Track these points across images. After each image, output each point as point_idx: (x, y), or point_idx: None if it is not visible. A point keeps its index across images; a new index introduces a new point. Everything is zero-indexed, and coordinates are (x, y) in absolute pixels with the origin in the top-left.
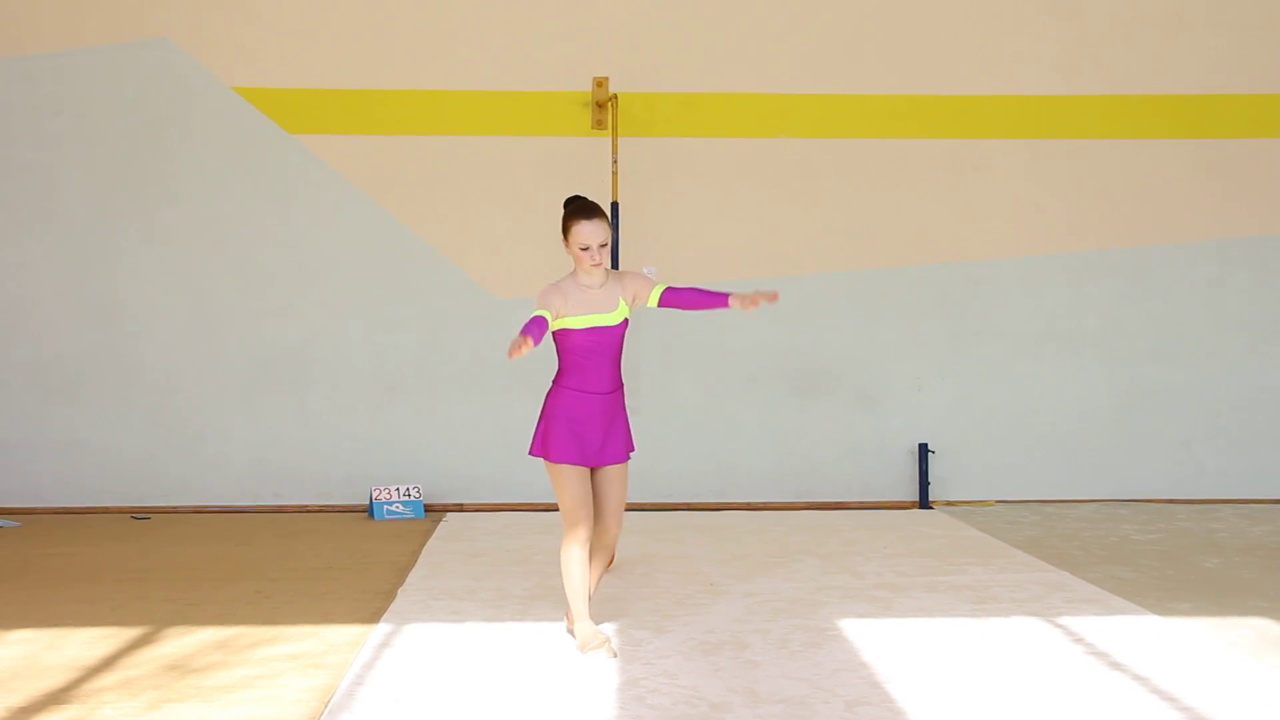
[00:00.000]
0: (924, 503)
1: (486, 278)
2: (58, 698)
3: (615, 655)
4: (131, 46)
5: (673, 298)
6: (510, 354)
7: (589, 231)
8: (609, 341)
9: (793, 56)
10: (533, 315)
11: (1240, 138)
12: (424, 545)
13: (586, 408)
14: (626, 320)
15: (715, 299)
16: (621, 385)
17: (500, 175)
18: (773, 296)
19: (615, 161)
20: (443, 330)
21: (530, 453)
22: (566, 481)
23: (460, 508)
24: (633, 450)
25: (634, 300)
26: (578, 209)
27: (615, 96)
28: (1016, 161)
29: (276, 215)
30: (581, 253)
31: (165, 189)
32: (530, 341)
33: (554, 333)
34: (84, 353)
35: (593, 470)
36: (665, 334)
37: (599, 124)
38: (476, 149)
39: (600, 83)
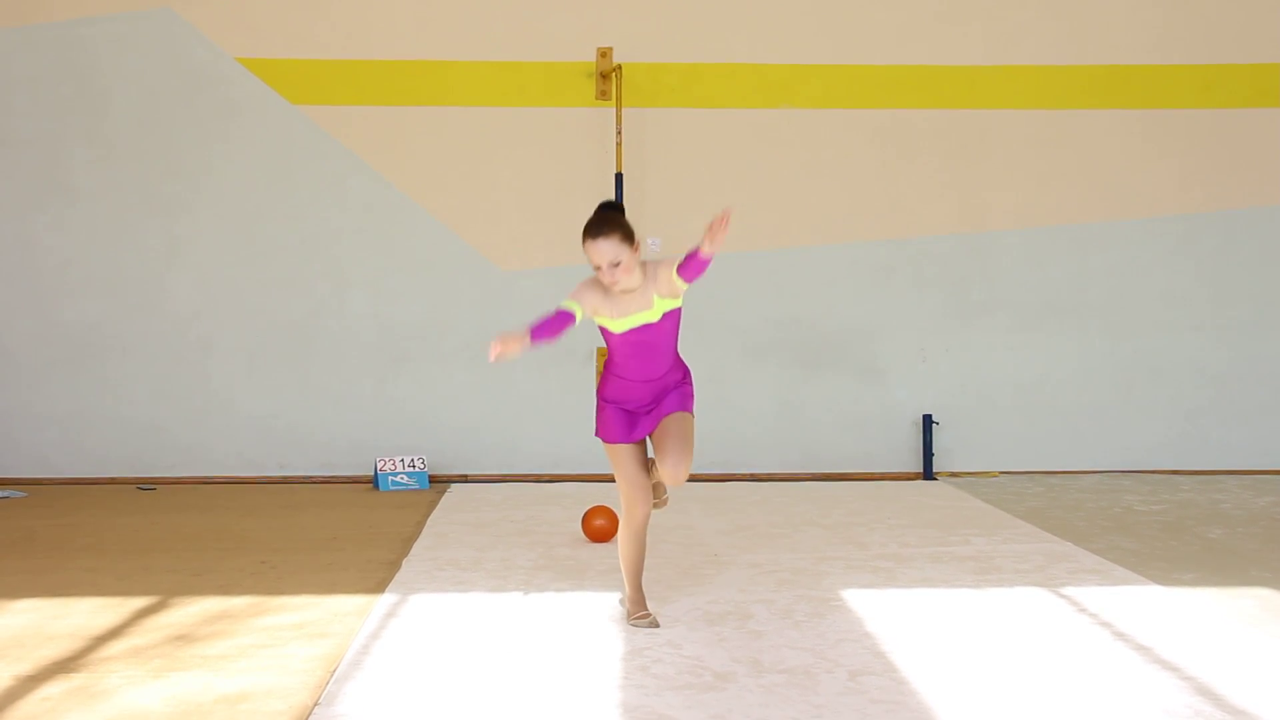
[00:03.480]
0: (928, 474)
1: (491, 249)
2: (64, 666)
3: (658, 625)
4: (134, 17)
5: (685, 272)
6: (491, 355)
7: (597, 251)
8: (654, 338)
9: (797, 27)
10: (558, 308)
11: (1245, 108)
12: (429, 516)
13: (634, 392)
14: (676, 310)
15: (696, 260)
16: (674, 368)
17: (504, 146)
18: (723, 220)
19: (619, 132)
20: (447, 302)
21: (595, 434)
22: (619, 462)
23: (465, 479)
24: (689, 409)
25: (671, 291)
26: (589, 225)
27: (619, 67)
28: (1021, 133)
29: (280, 187)
30: (596, 270)
31: (168, 160)
32: (519, 343)
33: (599, 326)
34: (89, 324)
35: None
36: None
37: (603, 94)
38: (480, 120)
39: (604, 53)
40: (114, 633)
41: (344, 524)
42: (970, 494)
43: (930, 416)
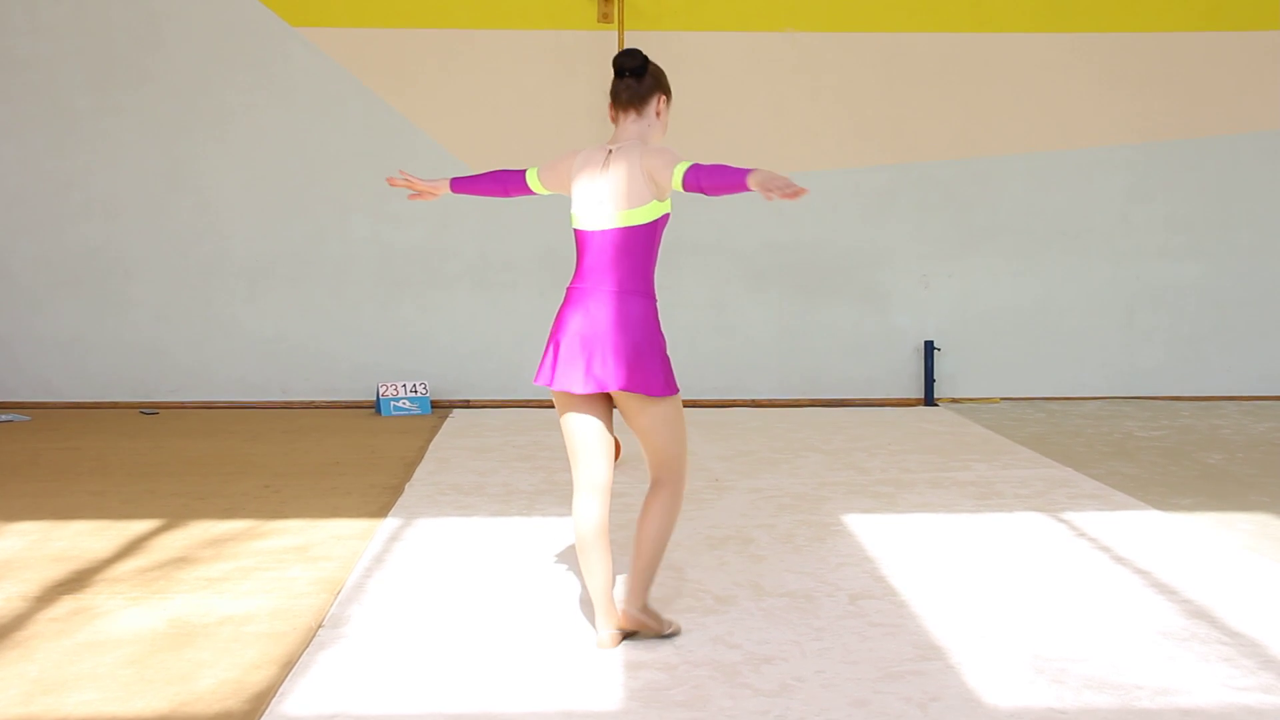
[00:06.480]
0: (929, 400)
1: None
2: (69, 587)
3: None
4: None
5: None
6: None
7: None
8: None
9: None
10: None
11: (1248, 30)
12: (431, 441)
13: None
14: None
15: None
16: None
17: (505, 69)
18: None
19: None
20: (448, 227)
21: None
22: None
23: (466, 404)
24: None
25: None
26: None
27: None
28: (1025, 57)
29: (279, 110)
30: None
31: (166, 83)
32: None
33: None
34: (89, 248)
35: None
36: (670, 230)
37: (605, 17)
38: (481, 42)
39: None
40: (119, 555)
41: (346, 448)
42: (971, 420)
43: (932, 342)
